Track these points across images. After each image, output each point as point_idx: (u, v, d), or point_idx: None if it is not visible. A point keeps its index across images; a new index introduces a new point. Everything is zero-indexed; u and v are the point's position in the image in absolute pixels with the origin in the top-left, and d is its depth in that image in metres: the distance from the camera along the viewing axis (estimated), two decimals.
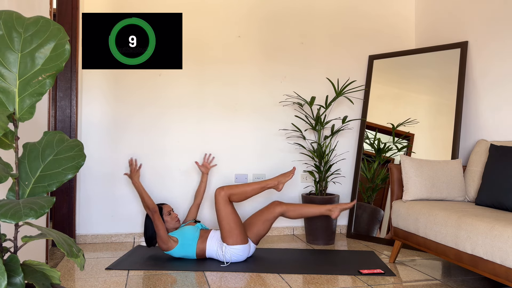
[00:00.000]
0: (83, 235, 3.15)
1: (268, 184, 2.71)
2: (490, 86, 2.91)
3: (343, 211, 2.80)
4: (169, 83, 3.30)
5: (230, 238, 2.56)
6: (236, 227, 2.57)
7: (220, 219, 2.59)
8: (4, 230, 1.15)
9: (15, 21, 1.10)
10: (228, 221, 2.56)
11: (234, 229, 2.56)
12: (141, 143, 3.25)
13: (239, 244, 2.56)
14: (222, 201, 2.58)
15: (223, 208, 2.58)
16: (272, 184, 2.72)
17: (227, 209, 2.58)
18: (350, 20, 3.65)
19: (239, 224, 2.60)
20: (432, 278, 2.37)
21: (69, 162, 1.14)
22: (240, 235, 2.57)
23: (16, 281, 0.98)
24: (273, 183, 2.72)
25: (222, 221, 2.58)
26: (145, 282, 2.27)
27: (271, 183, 2.72)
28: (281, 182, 2.73)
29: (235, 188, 2.64)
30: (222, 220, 2.57)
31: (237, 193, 2.63)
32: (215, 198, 2.61)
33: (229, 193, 2.60)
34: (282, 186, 2.74)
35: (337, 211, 2.72)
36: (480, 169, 2.61)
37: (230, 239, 2.56)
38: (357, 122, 3.58)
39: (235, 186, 2.66)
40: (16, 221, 0.93)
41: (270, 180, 2.73)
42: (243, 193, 2.65)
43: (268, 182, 2.72)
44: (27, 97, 1.10)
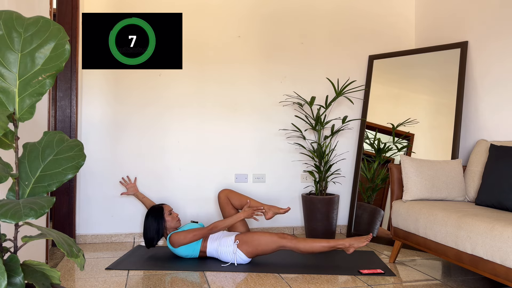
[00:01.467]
0: (83, 235, 3.15)
1: (338, 245, 2.52)
2: (490, 86, 2.91)
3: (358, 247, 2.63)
4: (169, 83, 3.30)
5: (247, 247, 2.54)
6: (259, 249, 2.54)
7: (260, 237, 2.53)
8: (4, 230, 1.15)
9: (15, 21, 1.10)
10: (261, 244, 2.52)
11: (256, 248, 2.54)
12: (141, 143, 3.25)
13: (247, 257, 2.58)
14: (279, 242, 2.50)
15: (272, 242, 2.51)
16: (343, 245, 2.52)
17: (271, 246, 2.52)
18: (350, 20, 3.65)
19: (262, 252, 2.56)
20: (432, 278, 2.37)
21: (69, 162, 1.14)
22: (254, 254, 2.57)
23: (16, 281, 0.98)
24: (344, 244, 2.52)
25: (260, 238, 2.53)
26: (145, 282, 2.27)
27: (341, 244, 2.52)
28: (353, 246, 2.52)
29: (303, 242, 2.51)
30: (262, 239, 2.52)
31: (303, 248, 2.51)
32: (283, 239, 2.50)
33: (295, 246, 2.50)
34: (353, 250, 2.53)
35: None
36: (480, 169, 2.61)
37: (246, 248, 2.55)
38: (357, 122, 3.58)
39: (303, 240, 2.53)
40: (16, 221, 0.93)
41: (342, 241, 2.53)
42: (310, 248, 2.52)
43: (339, 242, 2.52)
44: (27, 97, 1.09)
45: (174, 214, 2.76)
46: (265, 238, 2.54)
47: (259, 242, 2.54)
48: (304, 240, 2.55)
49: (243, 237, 2.59)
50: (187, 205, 3.29)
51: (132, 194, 3.09)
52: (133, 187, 3.10)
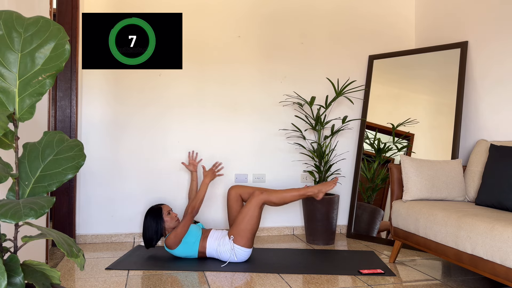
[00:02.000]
0: (83, 235, 3.15)
1: (308, 192, 2.70)
2: (490, 86, 2.91)
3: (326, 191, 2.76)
4: (169, 83, 3.30)
5: (241, 238, 2.57)
6: (252, 231, 2.60)
7: (243, 217, 2.59)
8: (4, 230, 1.15)
9: (15, 21, 1.10)
10: (250, 223, 2.57)
11: (250, 233, 2.58)
12: (141, 143, 3.25)
13: (246, 247, 2.58)
14: (257, 203, 2.60)
15: (253, 209, 2.59)
16: (313, 192, 2.71)
17: (256, 213, 2.59)
18: (350, 20, 3.65)
19: (255, 230, 2.62)
20: (432, 278, 2.37)
21: (69, 162, 1.14)
22: (251, 239, 2.60)
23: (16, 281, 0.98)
24: (313, 191, 2.71)
25: (244, 219, 2.58)
26: (145, 282, 2.27)
27: (311, 191, 2.70)
28: (321, 191, 2.71)
29: (274, 193, 2.65)
30: (245, 218, 2.58)
31: (275, 199, 2.64)
32: (252, 198, 2.61)
33: (267, 199, 2.61)
34: (322, 195, 2.72)
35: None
36: (480, 169, 2.61)
37: (241, 239, 2.57)
38: (357, 122, 3.58)
39: (274, 192, 2.67)
40: (16, 221, 0.93)
41: (311, 188, 2.71)
42: (281, 198, 2.66)
43: (308, 189, 2.71)
44: (27, 97, 1.09)
45: (173, 214, 2.76)
46: (249, 216, 2.58)
47: (247, 227, 2.57)
48: (275, 191, 2.67)
49: (234, 231, 2.60)
50: (187, 204, 3.29)
51: (190, 170, 3.12)
52: (194, 165, 3.13)
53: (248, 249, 2.59)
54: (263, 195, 2.62)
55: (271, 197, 2.63)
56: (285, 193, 2.68)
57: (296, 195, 2.69)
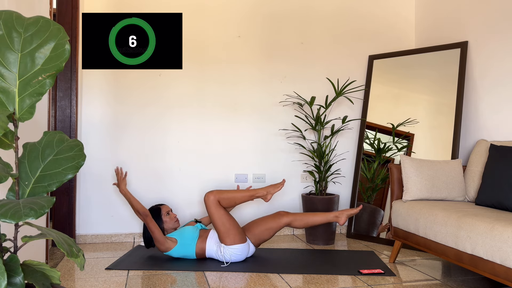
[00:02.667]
0: (83, 235, 3.15)
1: (257, 193, 2.69)
2: (490, 86, 2.91)
3: (349, 216, 2.79)
4: (169, 83, 3.30)
5: (228, 238, 2.57)
6: (231, 227, 2.58)
7: (214, 222, 2.59)
8: (4, 230, 1.15)
9: (15, 21, 1.10)
10: (222, 223, 2.57)
11: (230, 230, 2.57)
12: (141, 143, 3.25)
13: (237, 244, 2.57)
14: (212, 204, 2.59)
15: (215, 211, 2.58)
16: (261, 193, 2.70)
17: (219, 212, 2.58)
18: (350, 20, 3.65)
19: (234, 224, 2.61)
20: (432, 278, 2.37)
21: (69, 162, 1.14)
22: (237, 234, 2.58)
23: (16, 281, 0.98)
24: (262, 192, 2.70)
25: (216, 223, 2.58)
26: (145, 282, 2.27)
27: (260, 193, 2.70)
28: (270, 192, 2.71)
29: (225, 193, 2.64)
30: (216, 222, 2.58)
31: (226, 198, 2.62)
32: (205, 203, 2.60)
33: (218, 197, 2.60)
34: (270, 196, 2.72)
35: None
36: (480, 169, 2.61)
37: (228, 239, 2.56)
38: (357, 122, 3.58)
39: (225, 192, 2.65)
40: (16, 221, 0.93)
41: (259, 190, 2.71)
42: (232, 199, 2.64)
43: (257, 191, 2.70)
44: (27, 97, 1.09)
45: (172, 215, 2.75)
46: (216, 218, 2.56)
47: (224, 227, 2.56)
48: (227, 192, 2.65)
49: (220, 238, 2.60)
50: (187, 205, 3.29)
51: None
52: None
53: (240, 245, 2.58)
54: (213, 196, 2.59)
55: (222, 196, 2.61)
56: (235, 194, 2.66)
57: (246, 195, 2.67)
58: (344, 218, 2.70)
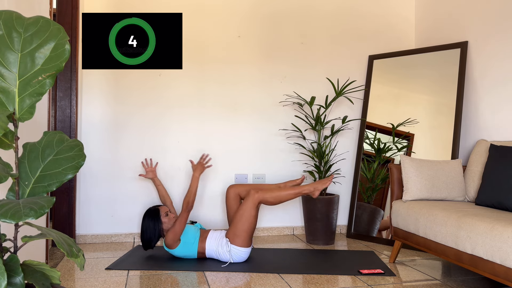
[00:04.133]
0: (83, 235, 3.15)
1: (304, 190, 2.68)
2: (490, 86, 2.91)
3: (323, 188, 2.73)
4: (169, 83, 3.30)
5: (239, 238, 2.56)
6: (249, 231, 2.58)
7: (240, 218, 2.57)
8: (4, 230, 1.15)
9: (15, 21, 1.10)
10: (247, 223, 2.56)
11: (247, 232, 2.57)
12: (141, 143, 3.25)
13: (244, 247, 2.58)
14: (252, 203, 2.58)
15: (249, 209, 2.57)
16: (308, 190, 2.68)
17: (252, 212, 2.58)
18: (350, 20, 3.65)
19: (253, 230, 2.61)
20: (432, 278, 2.37)
21: (69, 162, 1.14)
22: (248, 239, 2.59)
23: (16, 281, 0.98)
24: (309, 189, 2.68)
25: (241, 220, 2.57)
26: (145, 282, 2.27)
27: (307, 189, 2.68)
28: (317, 189, 2.68)
29: (270, 192, 2.63)
30: (242, 219, 2.56)
31: (270, 198, 2.61)
32: (248, 198, 2.59)
33: (263, 198, 2.59)
34: (318, 193, 2.68)
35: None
36: (480, 169, 2.61)
37: (239, 240, 2.56)
38: (357, 122, 3.58)
39: (270, 191, 2.64)
40: (16, 221, 0.93)
41: (306, 186, 2.68)
42: (277, 197, 2.63)
43: (304, 188, 2.68)
44: (27, 97, 1.09)
45: (170, 215, 2.75)
46: (245, 216, 2.56)
47: (243, 227, 2.55)
48: (271, 190, 2.65)
49: (230, 232, 2.60)
50: None
51: (150, 177, 3.04)
52: (152, 172, 3.04)
53: (246, 248, 2.58)
54: (258, 194, 2.60)
55: (266, 196, 2.61)
56: (280, 192, 2.66)
57: (291, 193, 2.66)
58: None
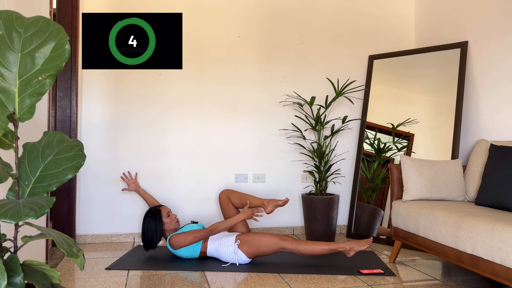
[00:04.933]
0: (83, 235, 3.15)
1: (339, 247, 2.51)
2: (490, 86, 2.91)
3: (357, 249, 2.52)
4: (169, 83, 3.30)
5: (248, 247, 2.55)
6: (259, 250, 2.55)
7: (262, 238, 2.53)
8: (4, 230, 1.15)
9: (15, 21, 1.10)
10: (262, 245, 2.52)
11: (257, 249, 2.54)
12: (141, 143, 3.25)
13: (248, 257, 2.58)
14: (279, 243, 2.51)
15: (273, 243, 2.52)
16: (343, 248, 2.50)
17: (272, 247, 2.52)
18: (350, 20, 3.65)
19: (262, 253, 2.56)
20: (432, 278, 2.37)
21: (69, 162, 1.14)
22: (255, 254, 2.57)
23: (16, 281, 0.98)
24: (344, 247, 2.50)
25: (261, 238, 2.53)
26: (145, 282, 2.27)
27: (342, 247, 2.50)
28: (354, 249, 2.49)
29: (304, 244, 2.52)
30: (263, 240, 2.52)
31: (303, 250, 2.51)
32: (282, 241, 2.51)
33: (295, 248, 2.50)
34: (353, 253, 2.50)
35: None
36: (480, 169, 2.61)
37: (247, 248, 2.55)
38: (357, 122, 3.58)
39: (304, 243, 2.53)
40: (16, 221, 0.93)
41: (341, 244, 2.51)
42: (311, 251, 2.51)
43: (339, 245, 2.51)
44: (27, 97, 1.09)
45: (172, 216, 2.75)
46: (266, 239, 2.54)
47: (260, 243, 2.54)
48: (305, 242, 2.55)
49: (244, 237, 2.59)
50: (187, 205, 3.29)
51: (133, 190, 3.06)
52: (134, 183, 3.07)
53: (248, 259, 2.59)
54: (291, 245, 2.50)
55: (300, 248, 2.51)
56: (315, 246, 2.53)
57: (326, 249, 2.52)
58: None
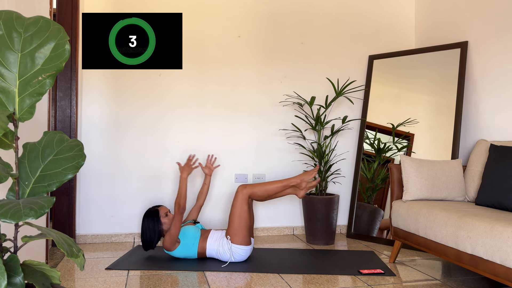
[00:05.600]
0: (83, 235, 3.15)
1: (291, 182, 2.67)
2: (490, 86, 2.91)
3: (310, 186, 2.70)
4: (169, 83, 3.30)
5: (237, 236, 2.57)
6: (245, 228, 2.58)
7: (234, 215, 2.59)
8: (4, 230, 1.15)
9: (15, 21, 1.10)
10: (240, 220, 2.57)
11: (243, 229, 2.57)
12: (141, 143, 3.25)
13: (243, 245, 2.58)
14: (241, 198, 2.59)
15: (240, 205, 2.58)
16: (295, 182, 2.67)
17: (244, 207, 2.58)
18: (350, 20, 3.65)
19: (249, 225, 2.61)
20: (432, 278, 2.37)
21: (69, 162, 1.14)
22: (247, 236, 2.59)
23: (16, 281, 0.98)
24: (295, 181, 2.67)
25: (235, 217, 2.58)
26: (145, 282, 2.27)
27: (293, 181, 2.67)
28: (304, 180, 2.67)
29: (257, 186, 2.64)
30: (236, 216, 2.58)
31: (259, 191, 2.61)
32: (236, 194, 2.61)
33: (251, 192, 2.60)
34: (305, 184, 2.67)
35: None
36: (480, 169, 2.61)
37: (237, 238, 2.57)
38: (357, 122, 3.58)
39: (258, 184, 2.65)
40: (16, 221, 0.93)
41: (292, 178, 2.69)
42: (265, 191, 2.63)
43: (290, 180, 2.68)
44: (27, 97, 1.09)
45: (170, 216, 2.75)
46: (237, 214, 2.57)
47: (240, 224, 2.56)
48: (259, 184, 2.64)
49: (229, 232, 2.60)
50: (187, 205, 3.29)
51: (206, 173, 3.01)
52: (210, 169, 3.01)
53: (246, 246, 2.58)
54: (246, 189, 2.60)
55: (255, 190, 2.61)
56: (267, 185, 2.65)
57: (279, 186, 2.65)
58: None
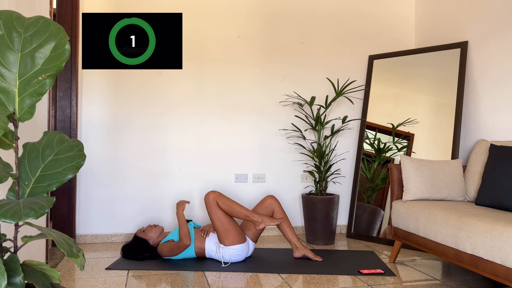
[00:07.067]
0: (83, 235, 3.15)
1: (253, 216, 2.61)
2: (490, 86, 2.91)
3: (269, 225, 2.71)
4: (169, 83, 3.30)
5: (227, 239, 2.56)
6: (230, 227, 2.58)
7: (213, 222, 2.60)
8: (4, 230, 1.15)
9: (15, 21, 1.09)
10: (221, 223, 2.57)
11: (229, 230, 2.57)
12: (141, 143, 3.25)
13: (236, 244, 2.57)
14: (211, 204, 2.58)
15: (214, 211, 2.58)
16: (256, 220, 2.61)
17: (217, 212, 2.58)
18: (350, 20, 3.65)
19: (233, 224, 2.60)
20: (432, 278, 2.37)
21: (69, 162, 1.14)
22: (236, 235, 2.58)
23: (16, 281, 0.98)
24: (257, 219, 2.61)
25: (215, 223, 2.59)
26: (145, 282, 2.27)
27: (256, 219, 2.61)
28: (265, 223, 2.61)
29: (225, 197, 2.63)
30: (215, 223, 2.58)
31: (223, 203, 2.60)
32: (205, 202, 2.61)
33: (217, 198, 2.60)
34: (263, 226, 2.61)
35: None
36: (480, 169, 2.61)
37: (227, 240, 2.56)
38: (357, 122, 3.58)
39: (225, 197, 2.64)
40: (16, 221, 0.93)
41: (256, 215, 2.62)
42: (228, 206, 2.60)
43: (254, 214, 2.62)
44: (27, 97, 1.09)
45: (147, 228, 2.73)
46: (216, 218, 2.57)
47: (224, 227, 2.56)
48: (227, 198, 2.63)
49: (219, 238, 2.59)
50: (187, 205, 3.29)
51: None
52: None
53: (240, 245, 2.57)
54: (212, 195, 2.59)
55: (221, 198, 2.60)
56: (233, 204, 2.62)
57: (242, 213, 2.61)
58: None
